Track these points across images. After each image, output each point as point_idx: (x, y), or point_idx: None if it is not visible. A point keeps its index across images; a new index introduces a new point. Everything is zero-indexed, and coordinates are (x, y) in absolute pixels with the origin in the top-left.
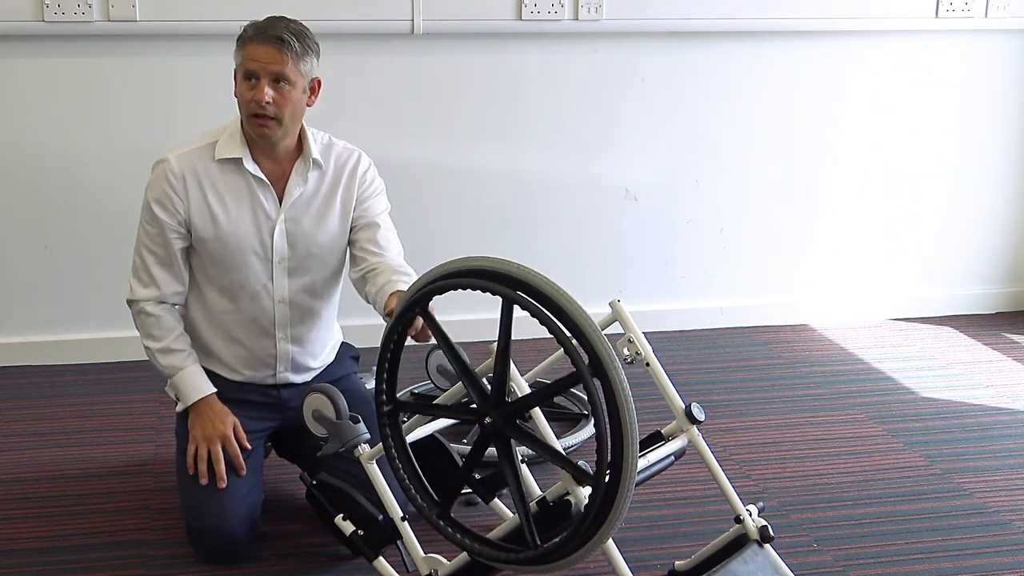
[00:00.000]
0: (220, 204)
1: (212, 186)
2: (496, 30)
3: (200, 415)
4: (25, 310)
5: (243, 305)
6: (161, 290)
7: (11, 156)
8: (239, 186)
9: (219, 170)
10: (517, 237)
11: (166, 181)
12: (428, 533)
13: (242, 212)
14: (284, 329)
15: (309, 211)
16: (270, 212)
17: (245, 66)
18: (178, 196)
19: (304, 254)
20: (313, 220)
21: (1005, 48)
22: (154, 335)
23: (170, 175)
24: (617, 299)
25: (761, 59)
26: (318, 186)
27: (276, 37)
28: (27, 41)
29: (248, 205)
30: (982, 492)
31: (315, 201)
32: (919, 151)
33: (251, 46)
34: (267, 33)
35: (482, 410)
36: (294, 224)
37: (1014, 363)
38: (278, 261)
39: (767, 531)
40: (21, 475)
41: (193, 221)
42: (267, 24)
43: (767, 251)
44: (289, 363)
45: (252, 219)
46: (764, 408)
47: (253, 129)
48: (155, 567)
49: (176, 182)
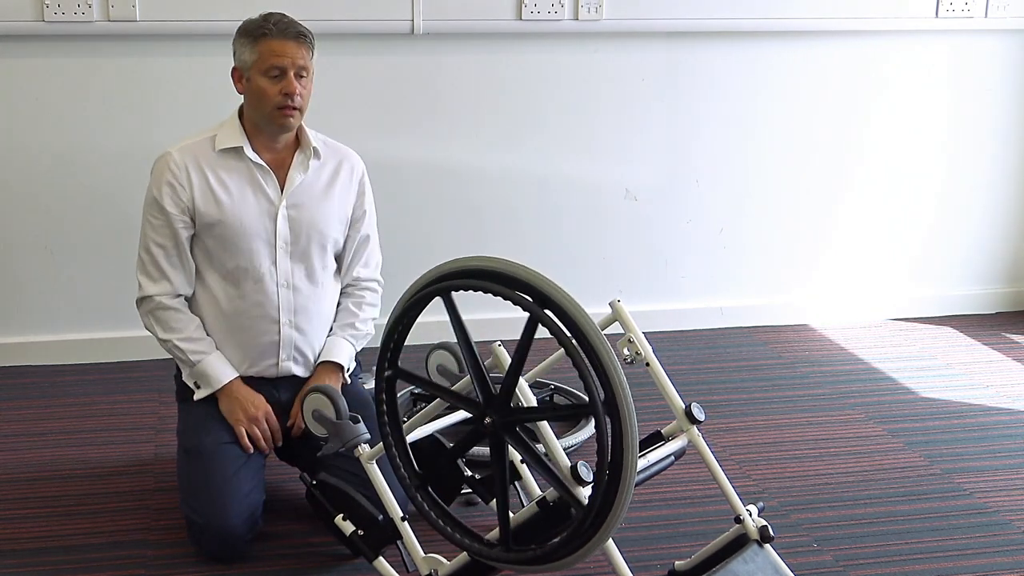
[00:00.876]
0: (223, 189)
1: (215, 173)
2: (496, 30)
3: (233, 399)
4: (25, 310)
5: (247, 290)
6: (173, 283)
7: (11, 156)
8: (241, 172)
9: (220, 159)
10: (517, 237)
11: (169, 172)
12: (428, 533)
13: (245, 196)
14: (288, 314)
15: (310, 198)
16: (272, 198)
17: (270, 62)
18: (181, 185)
19: (305, 239)
20: (314, 207)
21: (1005, 48)
22: (174, 327)
23: (172, 166)
24: (617, 299)
25: (761, 59)
26: (318, 175)
27: (298, 32)
28: (27, 41)
29: (251, 190)
30: (982, 492)
31: (315, 189)
32: (919, 151)
33: (274, 42)
34: (288, 29)
35: (484, 409)
36: (296, 210)
37: (1014, 363)
38: (282, 245)
39: (767, 531)
40: (21, 475)
41: (198, 207)
42: (278, 20)
43: (767, 251)
44: (292, 349)
45: (255, 203)
46: (764, 408)
47: (278, 120)
48: (155, 567)
49: (179, 172)
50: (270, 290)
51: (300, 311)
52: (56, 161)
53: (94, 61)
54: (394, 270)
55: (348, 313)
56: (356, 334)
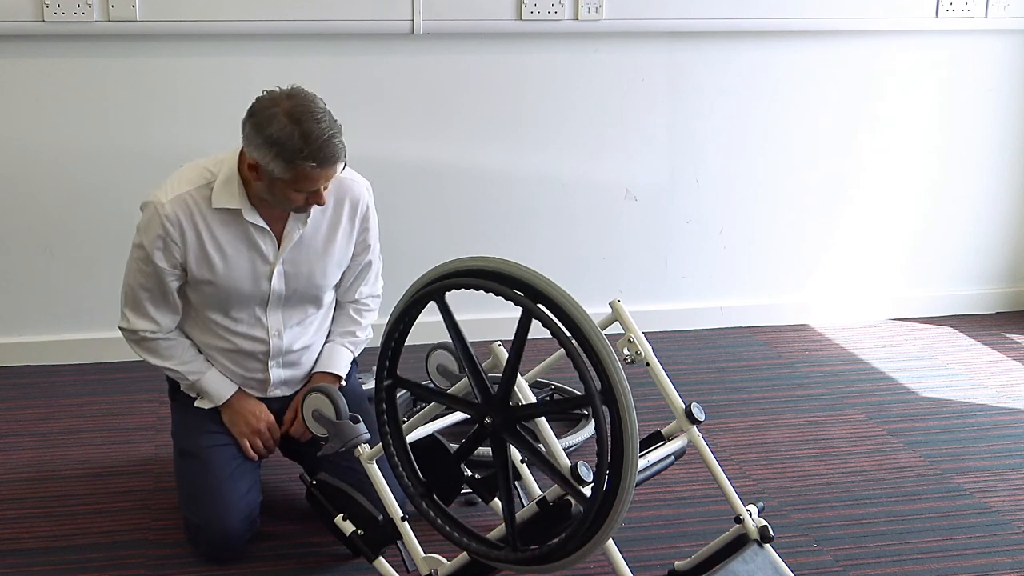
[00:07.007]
0: (217, 251)
1: (210, 234)
2: (496, 30)
3: (235, 412)
4: (25, 310)
5: (238, 335)
6: (160, 324)
7: (11, 156)
8: (237, 235)
9: (216, 218)
10: (517, 237)
11: (161, 228)
12: (428, 533)
13: (240, 261)
14: (277, 356)
15: (307, 252)
16: (268, 256)
17: (304, 186)
18: (175, 242)
19: (301, 293)
20: (312, 262)
21: (1005, 48)
22: (165, 355)
23: (166, 222)
24: (617, 299)
25: (761, 59)
26: (318, 225)
27: (337, 158)
28: (27, 41)
29: (246, 254)
30: (982, 492)
31: (314, 241)
32: (918, 151)
33: (317, 171)
34: (330, 158)
35: (483, 409)
36: (292, 265)
37: (1014, 363)
38: (275, 300)
39: (767, 531)
40: (21, 475)
41: (190, 267)
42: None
43: (767, 251)
44: (280, 382)
45: (250, 268)
46: (764, 408)
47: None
48: (155, 567)
49: (172, 230)
50: (259, 337)
51: (290, 351)
52: (56, 161)
53: (94, 61)
54: (394, 270)
55: (349, 320)
56: (356, 341)
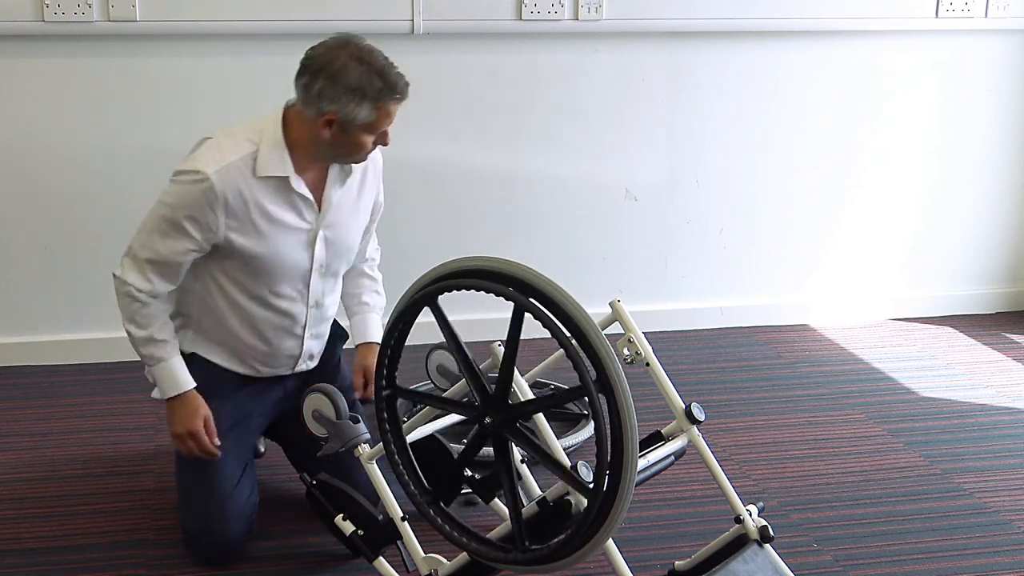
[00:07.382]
0: (265, 221)
1: (256, 203)
2: (496, 30)
3: (174, 410)
4: (25, 310)
5: (273, 310)
6: (155, 287)
7: (11, 156)
8: (282, 202)
9: (261, 188)
10: (517, 237)
11: (206, 201)
12: (428, 533)
13: (286, 228)
14: (312, 328)
15: (344, 215)
16: (311, 222)
17: (384, 124)
18: (217, 214)
19: (339, 258)
20: (347, 223)
21: (1005, 48)
22: (138, 322)
23: (210, 193)
24: (617, 299)
25: (761, 59)
26: (350, 185)
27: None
28: (27, 41)
29: (292, 225)
30: (982, 492)
31: (348, 201)
32: (918, 151)
33: (398, 104)
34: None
35: (482, 409)
36: (332, 230)
37: (1014, 363)
38: (317, 268)
39: (767, 531)
40: (21, 475)
41: (232, 240)
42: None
43: (767, 251)
44: (308, 355)
45: (296, 238)
46: (764, 408)
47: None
48: (155, 567)
49: (218, 204)
50: (299, 312)
51: (323, 322)
52: (56, 161)
53: (94, 61)
54: (394, 270)
55: (369, 280)
56: (380, 302)
